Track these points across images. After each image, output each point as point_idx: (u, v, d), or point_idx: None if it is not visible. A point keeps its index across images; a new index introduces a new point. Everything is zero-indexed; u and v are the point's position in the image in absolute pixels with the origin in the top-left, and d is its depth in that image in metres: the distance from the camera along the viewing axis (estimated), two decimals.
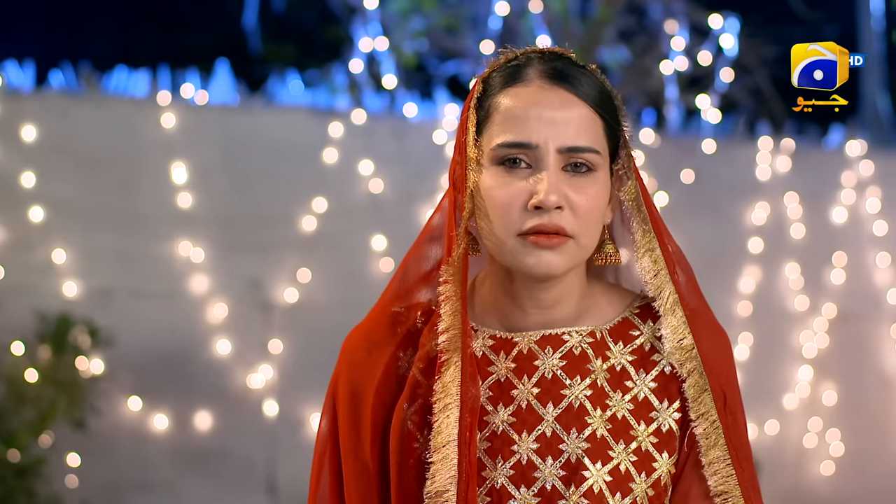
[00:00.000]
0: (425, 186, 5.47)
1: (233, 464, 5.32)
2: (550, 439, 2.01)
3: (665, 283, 2.06)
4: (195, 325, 5.28)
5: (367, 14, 5.84)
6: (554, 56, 2.06)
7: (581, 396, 2.03)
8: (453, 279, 2.02)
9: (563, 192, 1.98)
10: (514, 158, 2.00)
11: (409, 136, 5.61)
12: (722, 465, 2.02)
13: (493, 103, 2.04)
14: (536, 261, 1.99)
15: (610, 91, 2.06)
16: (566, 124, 2.00)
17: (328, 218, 5.41)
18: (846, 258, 6.13)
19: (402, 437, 2.04)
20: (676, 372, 2.05)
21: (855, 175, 6.19)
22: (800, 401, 6.04)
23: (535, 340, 2.06)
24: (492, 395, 2.05)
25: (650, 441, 2.03)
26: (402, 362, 2.09)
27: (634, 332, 2.08)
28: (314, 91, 5.90)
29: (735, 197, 6.00)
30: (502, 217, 2.00)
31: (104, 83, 5.42)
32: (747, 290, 5.97)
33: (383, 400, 2.08)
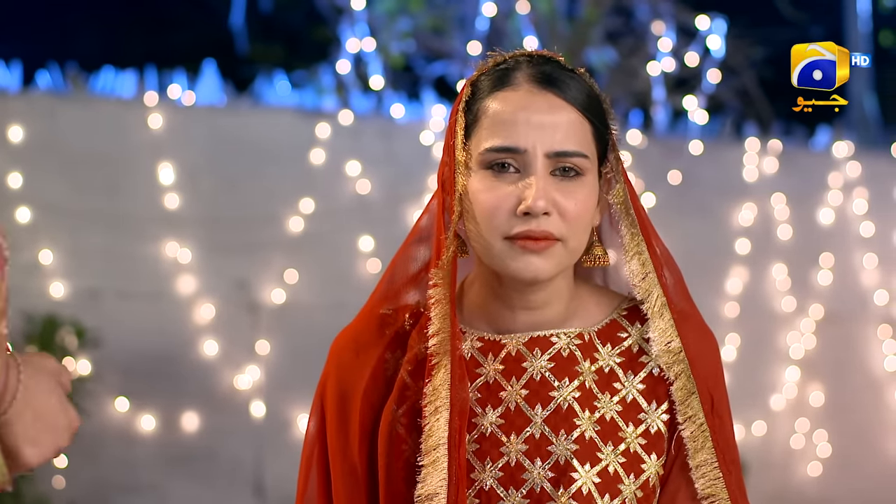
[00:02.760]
0: (412, 187, 5.48)
1: (220, 465, 5.32)
2: (539, 441, 2.01)
3: (653, 286, 2.06)
4: (182, 325, 5.27)
5: (355, 15, 5.84)
6: (542, 60, 2.06)
7: (569, 398, 2.03)
8: (443, 282, 2.03)
9: (552, 197, 1.98)
10: (502, 163, 2.00)
11: (396, 137, 5.61)
12: (709, 468, 2.03)
13: (482, 107, 2.04)
14: (524, 265, 1.99)
15: (598, 95, 2.06)
16: (554, 129, 2.00)
17: (315, 219, 5.41)
18: (833, 259, 6.15)
19: (391, 440, 2.04)
20: (664, 374, 2.05)
21: (842, 176, 6.21)
22: (787, 402, 6.05)
23: (524, 342, 2.06)
24: (480, 397, 2.05)
25: (638, 442, 2.04)
26: (390, 364, 2.10)
27: (622, 333, 2.09)
28: (301, 92, 5.91)
29: (722, 198, 6.01)
30: (490, 221, 2.00)
31: (91, 84, 5.42)
32: (734, 291, 5.98)
33: (371, 402, 2.08)
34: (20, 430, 1.62)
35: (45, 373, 1.67)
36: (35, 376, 1.66)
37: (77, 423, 1.69)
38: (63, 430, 1.67)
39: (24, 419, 1.62)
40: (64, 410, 1.67)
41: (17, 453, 1.62)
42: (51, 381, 1.67)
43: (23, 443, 1.62)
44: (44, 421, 1.64)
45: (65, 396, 1.69)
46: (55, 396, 1.66)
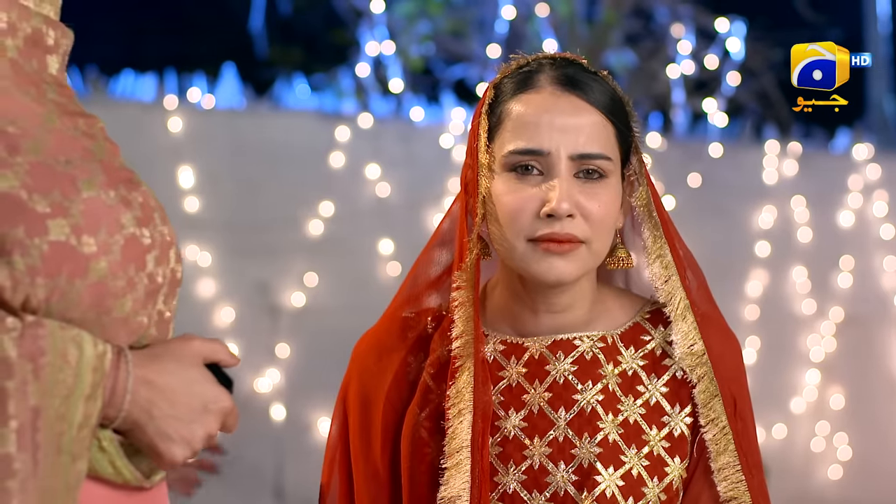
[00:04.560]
0: (432, 190, 5.48)
1: (240, 468, 5.32)
2: (562, 444, 2.01)
3: (676, 289, 2.06)
4: (202, 328, 5.27)
5: (374, 18, 5.84)
6: (565, 62, 2.06)
7: (593, 401, 2.03)
8: (466, 285, 2.03)
9: (575, 199, 1.98)
10: (525, 165, 2.00)
11: (415, 140, 5.62)
12: (731, 471, 2.02)
13: (505, 109, 2.04)
14: (547, 268, 1.99)
15: (621, 97, 2.06)
16: (578, 131, 2.00)
17: (335, 222, 5.41)
18: (853, 262, 6.13)
19: (414, 443, 2.04)
20: (687, 377, 2.05)
21: (862, 178, 6.19)
22: (807, 405, 6.04)
23: (547, 345, 2.06)
24: (503, 400, 2.05)
25: (662, 445, 2.03)
26: (413, 367, 2.10)
27: (645, 336, 2.08)
28: (321, 95, 5.91)
29: (742, 201, 6.00)
30: (513, 223, 2.00)
31: (111, 87, 5.43)
32: (754, 294, 5.97)
33: (394, 405, 2.08)
34: (150, 426, 1.58)
35: (179, 359, 1.62)
36: (164, 367, 1.60)
37: (224, 402, 1.65)
38: (205, 415, 1.63)
39: (152, 414, 1.58)
40: (202, 394, 1.63)
41: (155, 451, 1.60)
42: (189, 366, 1.63)
43: (157, 440, 1.59)
44: (178, 411, 1.60)
45: (207, 378, 1.64)
46: (193, 383, 1.62)
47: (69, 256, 1.53)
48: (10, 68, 1.63)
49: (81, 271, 1.54)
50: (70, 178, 1.57)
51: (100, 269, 1.55)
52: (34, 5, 1.67)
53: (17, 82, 1.62)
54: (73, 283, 1.54)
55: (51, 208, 1.53)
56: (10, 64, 1.63)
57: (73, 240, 1.53)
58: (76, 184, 1.57)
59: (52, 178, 1.55)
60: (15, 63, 1.64)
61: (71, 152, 1.60)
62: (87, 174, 1.59)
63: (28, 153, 1.55)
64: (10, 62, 1.63)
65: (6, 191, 1.51)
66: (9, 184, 1.51)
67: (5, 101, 1.59)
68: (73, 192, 1.56)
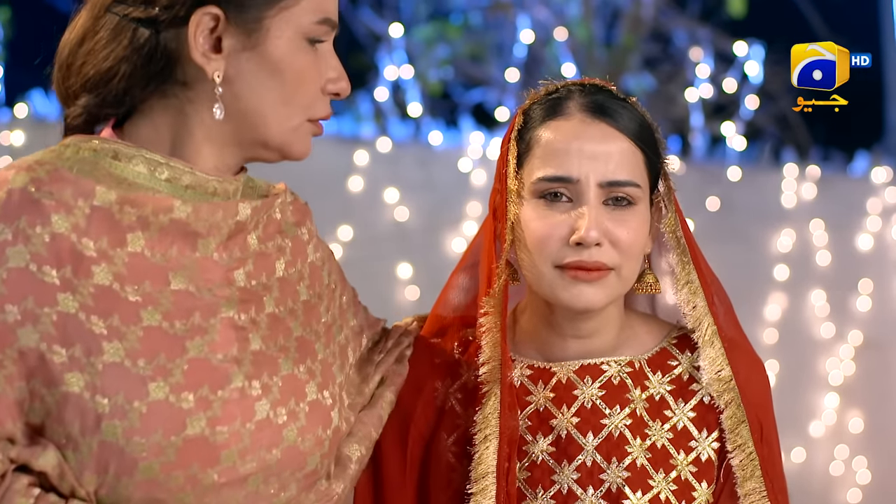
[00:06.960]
0: (451, 214, 5.47)
1: None
2: (591, 469, 2.02)
3: (704, 315, 2.06)
4: None
5: (393, 42, 5.85)
6: (595, 89, 2.06)
7: (621, 426, 2.03)
8: (494, 310, 2.03)
9: (604, 227, 1.98)
10: (554, 192, 2.00)
11: (434, 164, 5.61)
12: (757, 496, 2.03)
13: (534, 136, 2.04)
14: (577, 294, 1.99)
15: (650, 124, 2.06)
16: (607, 158, 2.00)
17: (354, 246, 5.41)
18: (872, 285, 6.12)
19: (442, 469, 2.04)
20: (715, 402, 2.05)
21: (881, 202, 6.18)
22: (826, 428, 6.02)
23: (574, 370, 2.06)
24: (531, 425, 2.05)
25: (689, 470, 2.04)
26: (440, 393, 2.10)
27: (672, 362, 2.09)
28: (339, 119, 5.91)
29: (760, 224, 5.99)
30: (541, 250, 2.00)
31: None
32: (773, 318, 5.96)
33: (421, 431, 2.09)
34: None
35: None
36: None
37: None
38: None
39: None
40: None
41: None
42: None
43: None
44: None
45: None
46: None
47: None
48: None
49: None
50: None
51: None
52: None
53: None
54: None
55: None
56: None
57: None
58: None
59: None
60: None
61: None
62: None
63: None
64: None
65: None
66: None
67: None
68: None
